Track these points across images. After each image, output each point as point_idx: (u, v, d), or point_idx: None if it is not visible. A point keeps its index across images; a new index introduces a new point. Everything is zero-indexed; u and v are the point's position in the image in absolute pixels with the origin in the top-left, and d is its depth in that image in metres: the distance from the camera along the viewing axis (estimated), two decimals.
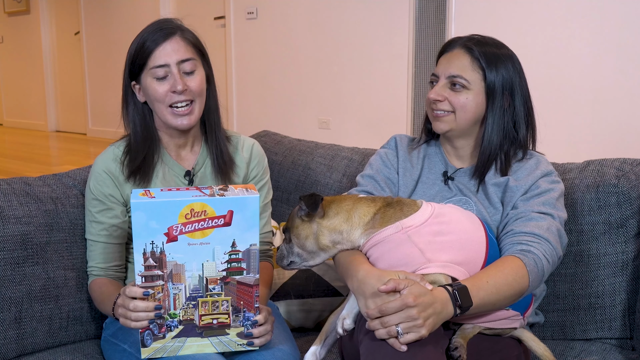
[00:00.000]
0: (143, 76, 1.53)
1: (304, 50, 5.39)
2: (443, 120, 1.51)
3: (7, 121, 9.93)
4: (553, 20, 3.91)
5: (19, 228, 1.58)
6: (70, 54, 8.48)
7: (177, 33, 1.53)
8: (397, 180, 1.60)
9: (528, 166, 1.50)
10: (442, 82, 1.50)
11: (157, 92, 1.51)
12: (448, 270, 1.27)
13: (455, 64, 1.49)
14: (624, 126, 3.72)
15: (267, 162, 1.75)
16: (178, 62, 1.51)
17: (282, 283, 1.86)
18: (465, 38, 1.52)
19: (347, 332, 1.32)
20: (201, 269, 1.26)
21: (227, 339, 1.32)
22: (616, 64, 3.71)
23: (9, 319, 1.55)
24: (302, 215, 1.37)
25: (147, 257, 1.23)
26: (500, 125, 1.49)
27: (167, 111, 1.53)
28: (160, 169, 1.60)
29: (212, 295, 1.28)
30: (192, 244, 1.24)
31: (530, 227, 1.37)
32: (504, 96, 1.48)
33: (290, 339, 1.49)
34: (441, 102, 1.49)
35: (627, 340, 1.64)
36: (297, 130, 5.18)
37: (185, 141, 1.63)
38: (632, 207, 1.61)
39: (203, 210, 1.23)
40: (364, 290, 1.24)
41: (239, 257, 1.27)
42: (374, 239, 1.32)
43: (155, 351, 1.29)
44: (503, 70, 1.48)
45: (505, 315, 1.37)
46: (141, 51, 1.51)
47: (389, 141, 1.68)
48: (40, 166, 6.21)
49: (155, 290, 1.26)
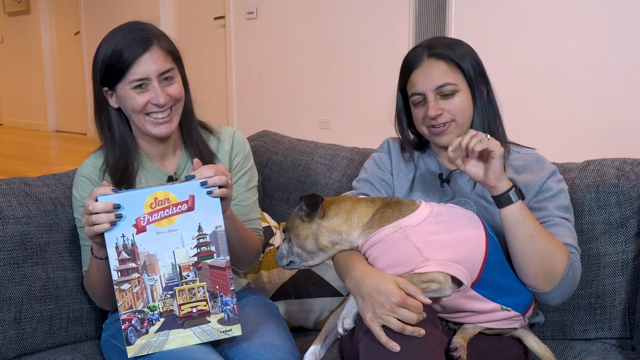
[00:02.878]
0: (120, 86, 1.48)
1: (304, 50, 5.39)
2: (446, 133, 1.49)
3: (7, 121, 9.92)
4: (553, 20, 3.91)
5: (18, 228, 1.58)
6: (70, 54, 8.48)
7: (154, 42, 1.48)
8: (392, 181, 1.60)
9: (529, 164, 1.50)
10: (430, 97, 1.48)
11: (138, 103, 1.48)
12: (446, 268, 1.27)
13: (435, 75, 1.47)
14: (624, 126, 3.71)
15: (249, 148, 1.72)
16: (159, 74, 1.48)
17: (282, 283, 1.86)
18: (425, 47, 1.51)
19: (347, 331, 1.32)
20: (173, 256, 1.30)
21: (210, 327, 1.33)
22: (616, 64, 3.71)
23: (8, 319, 1.55)
24: (302, 216, 1.37)
25: (120, 251, 1.28)
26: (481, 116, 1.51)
27: (146, 120, 1.50)
28: (143, 176, 1.58)
29: (187, 282, 1.31)
30: (160, 232, 1.29)
31: (562, 237, 1.40)
32: (479, 83, 1.50)
33: (289, 339, 1.49)
34: (441, 116, 1.48)
35: (627, 340, 1.64)
36: (297, 130, 5.18)
37: (166, 148, 1.61)
38: (632, 207, 1.61)
39: (166, 198, 1.28)
40: (360, 289, 1.25)
41: (207, 240, 1.31)
42: (372, 238, 1.32)
43: (140, 348, 1.31)
44: (469, 59, 1.50)
45: (505, 316, 1.37)
46: (118, 61, 1.46)
47: (382, 145, 1.68)
48: (40, 166, 6.21)
49: (132, 283, 1.28)
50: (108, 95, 1.53)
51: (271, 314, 1.57)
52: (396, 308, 1.19)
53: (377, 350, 1.19)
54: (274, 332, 1.45)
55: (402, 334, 1.18)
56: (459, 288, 1.29)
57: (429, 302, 1.22)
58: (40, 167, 6.10)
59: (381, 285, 1.22)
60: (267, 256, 1.91)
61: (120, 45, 1.45)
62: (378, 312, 1.20)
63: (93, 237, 1.32)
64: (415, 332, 1.18)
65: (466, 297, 1.32)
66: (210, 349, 1.37)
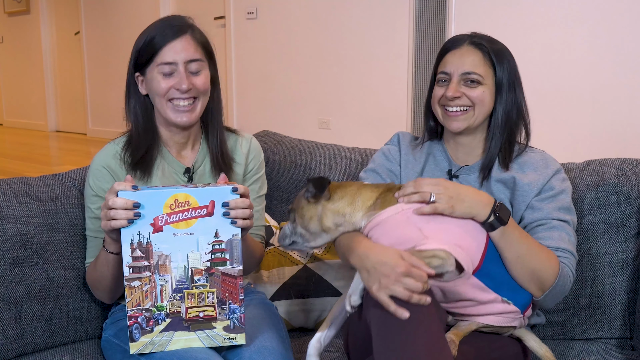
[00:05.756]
0: (149, 69, 1.53)
1: (304, 50, 5.39)
2: (459, 119, 1.51)
3: (7, 121, 9.93)
4: (553, 20, 3.91)
5: (18, 228, 1.58)
6: (70, 54, 8.48)
7: (188, 32, 1.53)
8: (400, 173, 1.62)
9: (534, 162, 1.51)
10: (455, 79, 1.50)
11: (161, 87, 1.52)
12: (448, 247, 1.28)
13: (467, 61, 1.50)
14: (624, 126, 3.72)
15: (263, 157, 1.77)
16: (186, 62, 1.52)
17: (282, 283, 1.86)
18: (470, 35, 1.54)
19: (355, 308, 1.33)
20: (186, 259, 1.30)
21: (214, 333, 1.33)
22: (616, 64, 3.71)
23: (9, 319, 1.55)
24: (309, 197, 1.40)
25: (134, 248, 1.27)
26: (505, 119, 1.52)
27: (168, 106, 1.54)
28: (160, 165, 1.60)
29: (197, 287, 1.31)
30: (177, 234, 1.28)
31: (557, 241, 1.41)
32: (509, 90, 1.51)
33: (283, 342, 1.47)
34: (459, 99, 1.50)
35: (627, 340, 1.64)
36: (297, 130, 5.18)
37: (186, 139, 1.63)
38: (632, 207, 1.61)
39: (187, 201, 1.27)
40: (365, 263, 1.26)
41: (222, 247, 1.31)
42: (375, 220, 1.35)
43: (143, 346, 1.31)
44: (507, 65, 1.51)
45: (505, 309, 1.37)
46: (150, 45, 1.51)
47: (392, 137, 1.70)
48: (40, 166, 6.21)
49: (143, 281, 1.28)
50: (139, 81, 1.57)
51: (269, 315, 1.57)
52: (401, 277, 1.20)
53: (388, 319, 1.20)
54: (268, 335, 1.45)
55: (409, 302, 1.19)
56: (460, 274, 1.30)
57: (432, 273, 1.23)
58: (40, 167, 6.10)
59: (385, 257, 1.24)
60: (267, 256, 1.91)
61: (154, 32, 1.52)
62: (384, 282, 1.21)
63: (109, 232, 1.32)
64: (421, 300, 1.20)
65: (468, 285, 1.33)
66: (212, 351, 1.37)
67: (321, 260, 1.88)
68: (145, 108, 1.60)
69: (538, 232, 1.44)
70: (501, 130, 1.52)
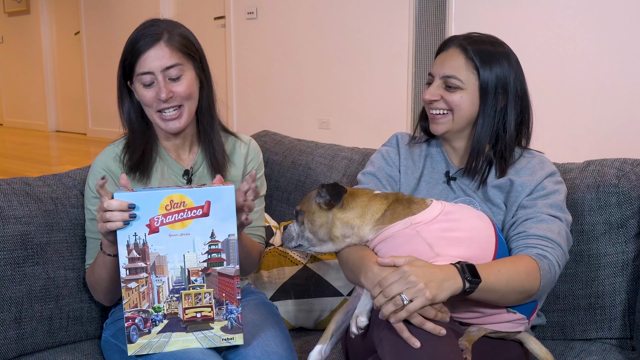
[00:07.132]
0: (134, 79, 1.53)
1: (304, 50, 5.39)
2: (439, 122, 1.51)
3: (7, 121, 9.93)
4: (553, 20, 3.91)
5: (19, 228, 1.58)
6: (70, 54, 8.48)
7: (163, 38, 1.50)
8: (399, 178, 1.60)
9: (531, 166, 1.50)
10: (436, 82, 1.50)
11: (145, 98, 1.52)
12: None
13: (449, 65, 1.48)
14: (624, 126, 3.71)
15: (262, 158, 1.76)
16: (163, 69, 1.50)
17: (282, 283, 1.86)
18: (462, 37, 1.52)
19: (362, 329, 1.30)
20: (183, 260, 1.29)
21: (212, 334, 1.33)
22: (616, 64, 3.71)
23: (9, 319, 1.55)
24: (321, 203, 1.38)
25: (130, 249, 1.27)
26: (490, 125, 1.48)
27: (156, 116, 1.54)
28: (159, 167, 1.60)
29: (194, 287, 1.31)
30: (173, 235, 1.28)
31: (543, 231, 1.37)
32: (497, 95, 1.48)
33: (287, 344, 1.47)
34: (437, 102, 1.49)
35: (627, 340, 1.64)
36: (297, 130, 5.18)
37: (183, 142, 1.63)
38: (632, 207, 1.61)
39: (182, 202, 1.27)
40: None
41: (219, 247, 1.30)
42: (383, 234, 1.33)
43: (141, 347, 1.31)
44: (497, 69, 1.47)
45: (511, 318, 1.37)
46: (131, 54, 1.51)
47: (391, 139, 1.68)
48: (40, 166, 6.21)
49: (139, 282, 1.28)
50: (133, 89, 1.57)
51: (271, 316, 1.57)
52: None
53: (400, 344, 1.19)
54: (272, 337, 1.44)
55: (423, 328, 1.18)
56: None
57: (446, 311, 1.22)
58: (40, 167, 6.10)
59: None
60: (267, 256, 1.91)
61: (132, 43, 1.51)
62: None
63: (105, 234, 1.32)
64: (435, 330, 1.18)
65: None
66: (211, 351, 1.37)
67: (321, 260, 1.88)
68: (140, 112, 1.60)
69: (526, 225, 1.40)
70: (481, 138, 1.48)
